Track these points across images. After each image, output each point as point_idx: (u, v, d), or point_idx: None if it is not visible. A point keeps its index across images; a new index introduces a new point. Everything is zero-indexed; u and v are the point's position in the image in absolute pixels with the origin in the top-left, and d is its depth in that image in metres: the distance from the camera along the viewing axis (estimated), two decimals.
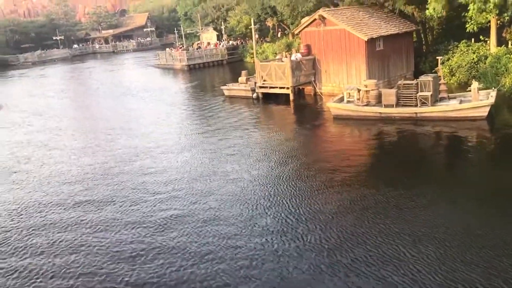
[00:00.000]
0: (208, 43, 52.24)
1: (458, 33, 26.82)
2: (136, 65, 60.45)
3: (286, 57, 24.81)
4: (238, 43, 51.32)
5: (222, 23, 51.06)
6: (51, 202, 13.34)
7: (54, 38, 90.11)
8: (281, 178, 13.58)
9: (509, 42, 24.33)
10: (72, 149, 19.48)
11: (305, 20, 26.03)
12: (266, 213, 11.13)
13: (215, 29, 54.43)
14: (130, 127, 22.70)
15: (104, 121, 25.18)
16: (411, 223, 9.91)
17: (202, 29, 54.92)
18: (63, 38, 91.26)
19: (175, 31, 62.51)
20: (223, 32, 50.37)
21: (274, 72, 25.06)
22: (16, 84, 50.71)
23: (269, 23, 48.50)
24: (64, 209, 12.71)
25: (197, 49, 49.95)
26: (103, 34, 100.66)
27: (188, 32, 59.63)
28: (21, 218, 12.37)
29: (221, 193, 12.66)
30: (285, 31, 47.25)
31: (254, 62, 45.55)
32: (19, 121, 27.06)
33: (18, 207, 13.16)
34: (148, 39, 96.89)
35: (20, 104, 33.58)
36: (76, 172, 16.03)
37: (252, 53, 46.45)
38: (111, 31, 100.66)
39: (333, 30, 24.25)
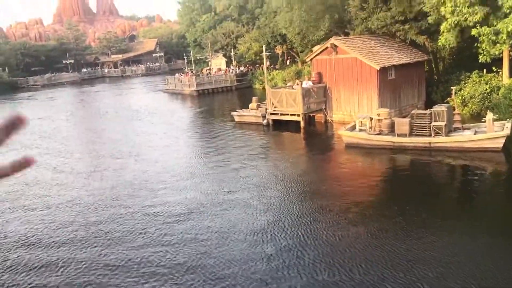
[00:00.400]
0: (219, 69, 52.58)
1: (469, 63, 26.81)
2: (145, 89, 60.84)
3: (298, 84, 24.76)
4: (247, 70, 51.63)
5: (232, 49, 51.46)
6: (60, 227, 13.07)
7: (64, 61, 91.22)
8: (294, 208, 13.26)
9: None
10: (81, 173, 19.30)
11: (317, 48, 26.13)
12: (280, 245, 10.80)
13: (224, 55, 54.89)
14: (139, 152, 22.54)
15: (113, 144, 25.06)
16: (424, 261, 9.55)
17: (211, 55, 55.39)
18: (73, 62, 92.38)
19: (184, 57, 63.16)
20: (232, 58, 50.72)
21: (285, 99, 24.99)
22: (24, 106, 51.00)
23: (278, 50, 48.89)
24: (72, 238, 12.42)
25: (206, 74, 50.23)
26: (112, 59, 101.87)
27: (197, 58, 60.17)
28: (30, 247, 12.09)
29: (229, 221, 12.35)
30: (294, 59, 47.54)
31: (263, 88, 46.06)
32: (27, 144, 26.98)
33: (27, 233, 12.88)
34: (157, 64, 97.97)
35: (29, 127, 33.59)
36: (85, 197, 15.78)
37: (261, 80, 46.77)
38: (120, 56, 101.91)
39: (345, 58, 24.26)
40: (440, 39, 23.06)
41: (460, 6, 20.58)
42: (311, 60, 26.33)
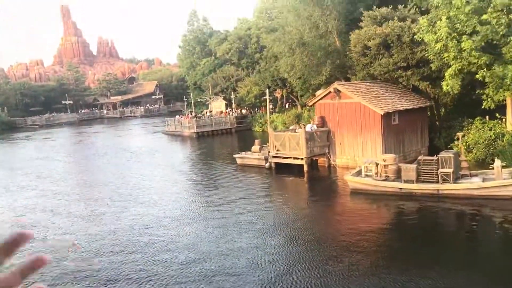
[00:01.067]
0: (221, 112, 52.75)
1: (471, 110, 26.88)
2: (144, 130, 60.79)
3: (301, 128, 24.62)
4: (247, 113, 51.82)
5: (232, 92, 51.85)
6: (56, 276, 12.43)
7: (63, 102, 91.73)
8: (302, 259, 12.71)
9: None
10: (78, 216, 18.70)
11: (320, 92, 26.19)
12: None
13: (224, 98, 55.28)
14: (137, 194, 22.03)
15: (111, 186, 24.55)
16: None
17: (211, 97, 55.75)
18: (72, 102, 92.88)
19: (184, 99, 63.58)
20: (232, 101, 51.01)
21: (288, 142, 24.80)
22: (21, 147, 50.59)
23: (278, 94, 49.28)
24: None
25: (208, 116, 50.35)
26: (111, 100, 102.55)
27: (198, 100, 60.55)
28: None
29: (233, 273, 11.78)
30: (294, 102, 47.82)
31: (263, 131, 46.19)
32: (24, 185, 26.46)
33: None
34: (156, 106, 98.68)
35: (25, 167, 33.12)
36: (83, 242, 15.17)
37: (261, 122, 46.90)
38: (119, 98, 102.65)
39: (348, 103, 24.26)
40: (443, 85, 23.14)
41: (465, 52, 20.73)
42: (314, 104, 26.32)
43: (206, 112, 54.74)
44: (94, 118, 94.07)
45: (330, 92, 24.98)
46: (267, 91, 26.47)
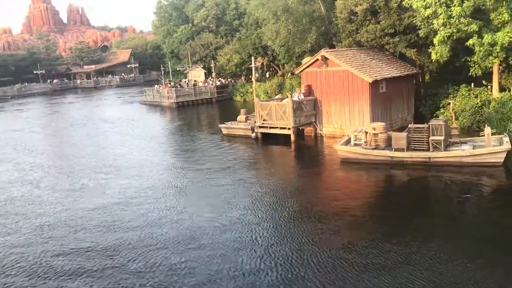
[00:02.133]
0: (195, 81, 51.54)
1: (455, 77, 26.83)
2: (120, 100, 59.27)
3: (288, 97, 24.14)
4: (228, 82, 50.85)
5: (211, 61, 50.69)
6: (42, 251, 11.92)
7: (34, 72, 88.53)
8: (284, 230, 12.48)
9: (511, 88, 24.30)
10: (60, 190, 18.01)
11: (307, 60, 25.64)
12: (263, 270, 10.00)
13: (203, 67, 54.05)
14: (119, 166, 21.38)
15: (91, 159, 23.77)
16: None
17: (190, 66, 54.47)
18: (44, 72, 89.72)
19: (162, 68, 61.98)
20: (212, 70, 49.91)
21: (275, 112, 24.34)
22: None
23: (259, 62, 48.42)
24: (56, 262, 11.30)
25: (186, 86, 49.21)
26: (85, 70, 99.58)
27: (176, 69, 59.16)
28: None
29: (219, 247, 11.49)
30: (276, 71, 47.11)
31: (244, 101, 45.56)
32: (5, 158, 25.42)
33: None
34: (132, 75, 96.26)
35: (2, 140, 31.87)
36: (68, 220, 14.59)
37: (242, 92, 46.16)
38: (93, 67, 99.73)
39: (336, 71, 23.83)
40: (431, 52, 22.88)
41: (455, 18, 20.41)
42: (300, 72, 25.80)
43: (185, 82, 53.52)
44: (68, 88, 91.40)
45: (317, 60, 24.46)
46: (252, 59, 25.70)
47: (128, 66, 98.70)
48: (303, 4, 30.29)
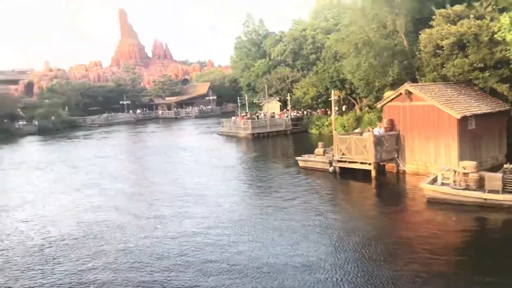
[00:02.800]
0: (272, 113, 52.10)
1: None
2: (198, 131, 61.15)
3: (369, 131, 23.50)
4: (303, 114, 50.87)
5: (287, 94, 51.07)
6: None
7: (120, 102, 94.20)
8: (368, 273, 11.75)
9: None
10: (142, 217, 18.49)
11: (389, 94, 24.95)
12: None
13: (279, 100, 54.61)
14: (197, 195, 21.69)
15: (171, 186, 24.41)
16: None
17: (266, 99, 55.22)
18: (129, 103, 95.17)
19: (238, 100, 63.37)
20: (288, 103, 50.22)
21: (354, 146, 23.73)
22: (82, 145, 51.90)
23: (336, 95, 48.00)
24: None
25: (263, 118, 49.86)
26: (166, 101, 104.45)
27: (252, 101, 60.26)
28: None
29: None
30: (353, 105, 46.41)
31: (319, 133, 45.16)
32: (86, 183, 26.78)
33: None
34: (209, 106, 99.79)
35: (87, 166, 33.74)
36: (153, 244, 14.87)
37: (318, 125, 45.82)
38: (174, 98, 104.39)
39: (420, 106, 22.91)
40: None
41: None
42: (381, 106, 25.12)
43: (260, 114, 54.25)
44: (150, 118, 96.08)
45: (400, 94, 23.71)
46: (332, 92, 25.50)
47: (207, 98, 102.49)
48: (384, 37, 29.80)
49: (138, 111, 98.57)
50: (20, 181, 28.87)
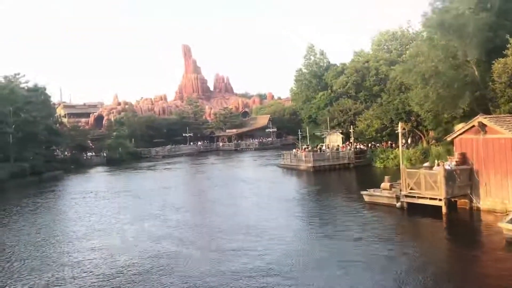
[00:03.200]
0: (336, 146, 51.34)
1: None
2: (258, 163, 61.28)
3: (440, 165, 22.35)
4: (367, 147, 49.65)
5: (350, 126, 50.18)
6: None
7: (183, 134, 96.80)
8: None
9: None
10: (207, 249, 18.41)
11: (460, 126, 23.76)
12: None
13: (341, 132, 53.73)
14: (260, 229, 21.30)
15: (233, 218, 24.32)
16: None
17: (328, 131, 54.55)
18: (191, 135, 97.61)
19: (299, 132, 63.05)
20: (351, 135, 49.28)
21: (424, 180, 22.60)
22: (146, 176, 53.40)
23: (401, 128, 46.57)
24: None
25: (324, 150, 49.24)
26: (227, 133, 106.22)
27: (313, 133, 59.78)
28: None
29: None
30: (419, 137, 44.77)
31: (384, 167, 43.71)
32: (151, 213, 27.23)
33: None
34: (269, 139, 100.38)
35: (151, 196, 34.46)
36: (218, 280, 14.62)
37: (383, 158, 44.43)
38: (234, 131, 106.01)
39: (496, 139, 21.53)
40: None
41: None
42: (452, 139, 23.90)
43: (322, 146, 53.61)
44: (211, 150, 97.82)
45: (473, 126, 22.46)
46: (399, 125, 24.61)
47: (267, 130, 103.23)
48: (454, 68, 28.67)
49: (200, 143, 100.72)
50: (88, 210, 29.90)
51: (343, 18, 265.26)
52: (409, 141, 46.72)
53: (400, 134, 25.11)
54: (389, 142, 48.06)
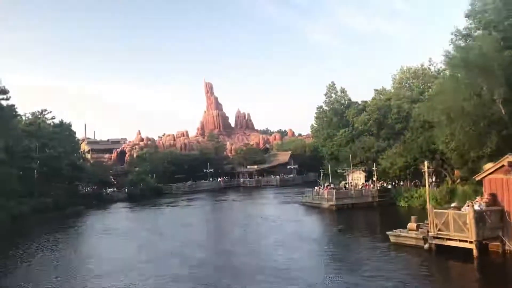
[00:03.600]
0: (356, 184, 50.57)
1: None
2: (280, 200, 60.55)
3: (469, 205, 21.62)
4: (390, 186, 48.69)
5: (373, 164, 49.45)
6: None
7: (204, 170, 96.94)
8: None
9: None
10: None
11: (489, 166, 23.04)
12: None
13: (363, 170, 52.91)
14: (280, 268, 20.88)
15: (254, 258, 23.85)
16: None
17: (351, 169, 53.84)
18: (212, 171, 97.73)
19: (321, 170, 62.40)
20: (374, 173, 48.47)
21: (452, 221, 21.83)
22: (166, 212, 53.21)
23: (424, 166, 45.71)
24: None
25: (346, 188, 48.50)
26: (248, 169, 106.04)
27: (335, 171, 59.11)
28: None
29: None
30: (444, 176, 43.75)
31: (408, 206, 42.67)
32: (172, 252, 26.88)
33: None
34: (291, 175, 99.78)
35: (171, 233, 34.15)
36: None
37: (407, 197, 43.44)
38: (255, 167, 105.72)
39: None
40: None
41: None
42: (482, 179, 23.19)
43: (344, 184, 52.87)
44: (231, 186, 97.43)
45: (502, 165, 21.79)
46: (425, 163, 24.02)
47: (288, 167, 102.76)
48: (480, 106, 28.19)
49: (220, 179, 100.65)
50: (109, 247, 29.74)
51: (364, 56, 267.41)
52: (433, 179, 45.70)
53: (426, 173, 24.52)
54: (414, 180, 47.06)
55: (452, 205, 24.85)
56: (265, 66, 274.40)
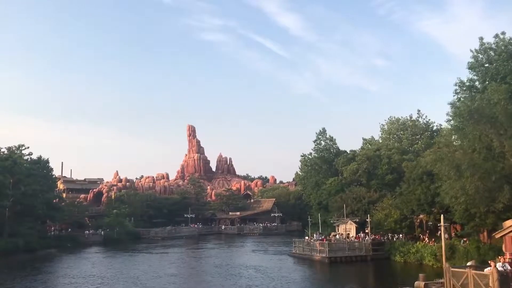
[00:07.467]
0: (348, 235, 48.44)
1: None
2: (265, 250, 57.52)
3: (492, 266, 19.80)
4: (384, 239, 46.59)
5: (367, 215, 47.58)
6: None
7: (185, 215, 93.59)
8: None
9: None
10: None
11: (509, 223, 21.48)
12: None
13: (355, 221, 50.86)
14: None
15: None
16: None
17: (344, 218, 51.70)
18: (193, 216, 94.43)
19: (308, 219, 59.94)
20: (367, 224, 46.46)
21: (473, 282, 19.89)
22: (142, 259, 49.70)
23: (418, 219, 44.14)
24: None
25: (339, 239, 46.38)
26: (229, 216, 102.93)
27: (324, 220, 57.02)
28: None
29: None
30: (439, 230, 42.08)
31: (404, 262, 40.53)
32: None
33: None
34: (274, 224, 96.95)
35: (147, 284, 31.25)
36: None
37: (402, 251, 41.28)
38: (237, 213, 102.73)
39: None
40: None
41: None
42: (502, 237, 21.55)
43: (334, 235, 50.66)
44: (212, 232, 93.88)
45: None
46: (442, 217, 22.14)
47: (272, 214, 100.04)
48: (490, 159, 26.97)
49: (201, 225, 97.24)
50: None
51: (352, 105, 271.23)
52: (427, 234, 43.96)
53: (442, 228, 22.65)
54: (411, 234, 45.11)
55: (468, 264, 23.00)
56: (248, 114, 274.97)
